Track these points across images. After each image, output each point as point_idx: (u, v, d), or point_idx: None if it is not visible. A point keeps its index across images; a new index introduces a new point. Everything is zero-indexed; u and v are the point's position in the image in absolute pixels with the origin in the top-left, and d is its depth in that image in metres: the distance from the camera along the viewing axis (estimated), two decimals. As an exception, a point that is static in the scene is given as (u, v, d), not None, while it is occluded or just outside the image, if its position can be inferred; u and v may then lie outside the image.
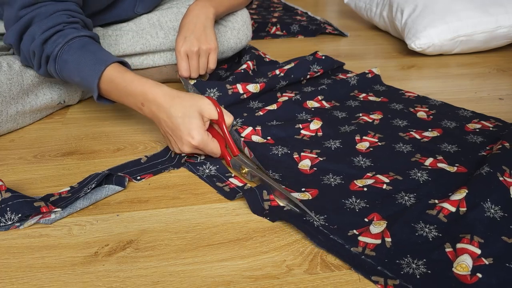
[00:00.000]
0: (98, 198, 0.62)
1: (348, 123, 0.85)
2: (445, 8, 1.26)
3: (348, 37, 1.54)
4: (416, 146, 0.76)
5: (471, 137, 0.79)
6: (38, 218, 0.57)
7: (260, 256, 0.52)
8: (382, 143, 0.77)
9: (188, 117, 0.66)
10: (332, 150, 0.75)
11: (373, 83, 1.05)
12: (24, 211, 0.56)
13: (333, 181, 0.66)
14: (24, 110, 0.82)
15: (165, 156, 0.73)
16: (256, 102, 0.94)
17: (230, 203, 0.62)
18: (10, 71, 0.78)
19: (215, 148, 0.68)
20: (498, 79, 1.12)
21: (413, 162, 0.71)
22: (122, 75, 0.70)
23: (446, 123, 0.86)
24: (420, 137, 0.79)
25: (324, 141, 0.78)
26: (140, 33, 0.99)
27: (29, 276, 0.49)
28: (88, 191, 0.61)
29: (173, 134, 0.68)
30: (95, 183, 0.62)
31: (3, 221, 0.56)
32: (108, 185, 0.63)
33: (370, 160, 0.72)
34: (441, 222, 0.56)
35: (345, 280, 0.48)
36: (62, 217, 0.58)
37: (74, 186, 0.64)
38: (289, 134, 0.80)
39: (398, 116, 0.88)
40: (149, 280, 0.48)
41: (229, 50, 1.07)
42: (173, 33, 1.01)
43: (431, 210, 0.57)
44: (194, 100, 0.67)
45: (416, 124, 0.85)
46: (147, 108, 0.69)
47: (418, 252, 0.51)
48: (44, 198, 0.61)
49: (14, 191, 0.59)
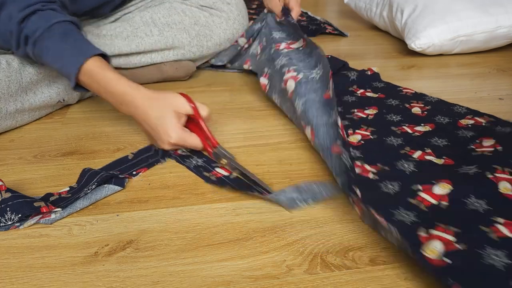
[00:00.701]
0: (98, 198, 0.62)
1: (343, 117, 0.87)
2: (445, 8, 1.26)
3: (348, 37, 1.54)
4: (407, 139, 0.77)
5: (462, 132, 0.80)
6: (38, 218, 0.57)
7: (260, 256, 0.52)
8: (374, 136, 0.79)
9: (164, 117, 0.69)
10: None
11: (372, 80, 1.07)
12: (24, 211, 0.56)
13: None
14: (23, 108, 0.82)
15: (150, 150, 0.74)
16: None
17: (230, 203, 0.62)
18: (9, 69, 0.79)
19: (195, 142, 0.71)
20: (498, 79, 1.12)
21: (402, 154, 0.72)
22: (103, 71, 0.72)
23: (439, 118, 0.87)
24: (411, 131, 0.81)
25: None
26: (135, 32, 0.99)
27: (29, 276, 0.49)
28: (89, 192, 0.62)
29: (153, 134, 0.71)
30: (95, 184, 0.62)
31: (3, 221, 0.56)
32: (108, 185, 0.63)
33: (360, 152, 0.73)
34: (422, 210, 0.57)
35: (345, 280, 0.48)
36: (62, 217, 0.59)
37: (73, 186, 0.64)
38: None
39: (393, 111, 0.89)
40: (149, 280, 0.48)
41: (226, 42, 1.07)
42: (167, 29, 1.01)
43: (413, 199, 0.59)
44: (168, 100, 0.70)
45: (410, 119, 0.86)
46: (125, 107, 0.72)
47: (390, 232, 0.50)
48: (44, 198, 0.61)
49: (14, 191, 0.59)
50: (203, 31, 1.03)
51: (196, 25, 1.02)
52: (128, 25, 0.99)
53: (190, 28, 1.02)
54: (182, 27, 1.01)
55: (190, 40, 1.02)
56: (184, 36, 1.02)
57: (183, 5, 1.03)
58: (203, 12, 1.04)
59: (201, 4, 1.05)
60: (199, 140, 0.71)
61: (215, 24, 1.03)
